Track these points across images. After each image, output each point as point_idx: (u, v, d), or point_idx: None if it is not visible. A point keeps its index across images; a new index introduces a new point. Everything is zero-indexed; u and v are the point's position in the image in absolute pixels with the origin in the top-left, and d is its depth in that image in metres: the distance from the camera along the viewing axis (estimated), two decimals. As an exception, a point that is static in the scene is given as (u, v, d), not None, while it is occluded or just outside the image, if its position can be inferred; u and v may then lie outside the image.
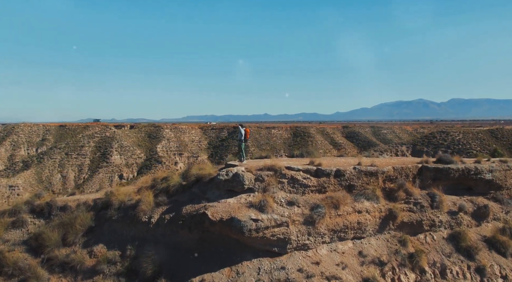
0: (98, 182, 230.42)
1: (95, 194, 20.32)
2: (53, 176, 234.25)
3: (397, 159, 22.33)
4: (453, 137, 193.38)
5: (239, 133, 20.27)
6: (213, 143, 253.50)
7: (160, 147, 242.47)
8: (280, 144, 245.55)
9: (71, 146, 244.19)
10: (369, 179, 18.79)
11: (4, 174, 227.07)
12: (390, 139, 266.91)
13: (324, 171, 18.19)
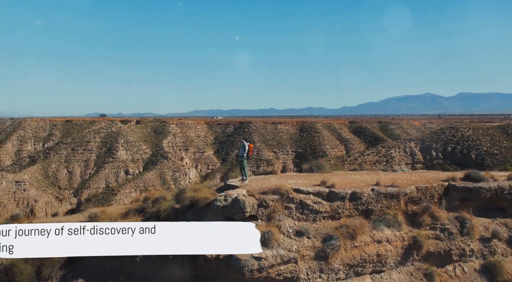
0: (104, 178, 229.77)
1: (78, 216, 18.16)
2: (59, 172, 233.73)
3: (419, 174, 19.87)
4: (463, 134, 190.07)
5: (241, 148, 17.85)
6: (219, 138, 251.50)
7: (166, 142, 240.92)
8: (287, 139, 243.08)
9: (77, 141, 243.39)
10: (390, 202, 16.37)
11: (10, 169, 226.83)
12: (398, 134, 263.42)
13: (338, 194, 15.79)
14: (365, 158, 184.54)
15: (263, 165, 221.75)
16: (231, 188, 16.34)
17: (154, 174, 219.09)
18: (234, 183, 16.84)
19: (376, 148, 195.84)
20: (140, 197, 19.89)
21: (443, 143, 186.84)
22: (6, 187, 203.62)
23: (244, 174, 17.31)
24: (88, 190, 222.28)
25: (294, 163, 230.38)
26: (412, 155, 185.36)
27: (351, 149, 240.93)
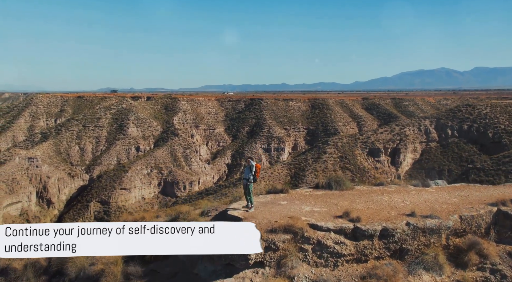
0: (115, 154, 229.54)
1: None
2: (71, 148, 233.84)
3: (458, 193, 16.61)
4: (480, 111, 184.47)
5: (247, 169, 14.63)
6: (230, 115, 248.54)
7: (176, 119, 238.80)
8: (298, 116, 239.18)
9: (88, 117, 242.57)
10: (429, 238, 13.28)
11: (23, 145, 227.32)
12: (412, 111, 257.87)
13: (366, 232, 12.71)
14: (378, 136, 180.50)
15: (274, 142, 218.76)
16: (232, 220, 13.33)
17: (165, 151, 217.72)
18: (236, 213, 13.78)
19: (389, 126, 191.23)
20: (127, 216, 17.10)
21: (459, 121, 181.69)
22: (19, 163, 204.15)
23: (250, 200, 14.27)
24: (100, 166, 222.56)
25: (305, 140, 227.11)
26: (427, 133, 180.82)
27: (364, 126, 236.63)
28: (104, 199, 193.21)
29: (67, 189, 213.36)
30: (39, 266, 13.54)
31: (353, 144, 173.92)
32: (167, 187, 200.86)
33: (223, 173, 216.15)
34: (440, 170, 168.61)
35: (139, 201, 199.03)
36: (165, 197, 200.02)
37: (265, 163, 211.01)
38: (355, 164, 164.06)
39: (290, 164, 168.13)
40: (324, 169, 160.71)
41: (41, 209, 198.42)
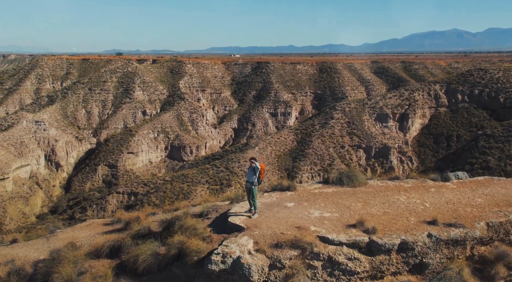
0: (122, 118, 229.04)
1: (41, 243, 14.17)
2: (77, 111, 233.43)
3: (482, 191, 15.04)
4: (492, 75, 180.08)
5: (250, 171, 13.03)
6: (237, 78, 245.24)
7: (182, 83, 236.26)
8: (306, 80, 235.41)
9: (94, 81, 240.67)
10: (452, 250, 11.92)
11: (30, 108, 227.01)
12: (422, 75, 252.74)
13: (382, 246, 11.35)
14: (387, 101, 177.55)
15: (281, 107, 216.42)
16: (233, 229, 11.98)
17: (171, 115, 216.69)
18: (238, 220, 12.37)
19: (398, 91, 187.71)
20: (122, 214, 15.90)
21: (470, 86, 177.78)
22: (27, 127, 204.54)
23: (254, 205, 12.87)
24: (107, 130, 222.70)
25: (312, 105, 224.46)
26: (436, 98, 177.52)
27: (372, 90, 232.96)
28: (112, 162, 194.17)
29: (75, 152, 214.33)
30: (24, 273, 12.48)
31: (361, 109, 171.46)
32: (174, 151, 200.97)
33: (230, 137, 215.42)
34: (449, 135, 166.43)
35: (146, 164, 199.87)
36: (172, 161, 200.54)
37: (272, 128, 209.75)
38: (363, 130, 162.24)
39: (297, 129, 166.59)
40: (331, 135, 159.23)
41: (50, 172, 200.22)
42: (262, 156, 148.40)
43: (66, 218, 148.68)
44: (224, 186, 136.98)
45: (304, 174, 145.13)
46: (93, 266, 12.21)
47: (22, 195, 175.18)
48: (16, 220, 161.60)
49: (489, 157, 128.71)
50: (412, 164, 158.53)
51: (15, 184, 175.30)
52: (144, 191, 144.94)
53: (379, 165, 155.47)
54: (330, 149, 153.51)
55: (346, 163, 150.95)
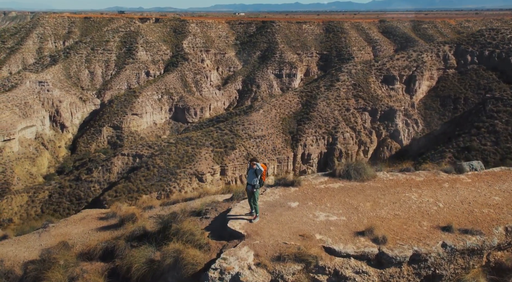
0: (125, 79, 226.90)
1: (33, 245, 13.44)
2: (80, 72, 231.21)
3: (499, 187, 14.09)
4: (504, 36, 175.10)
5: (251, 173, 12.03)
6: (241, 38, 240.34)
7: (186, 43, 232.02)
8: (311, 40, 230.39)
9: (96, 40, 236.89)
10: (468, 260, 11.13)
11: (33, 68, 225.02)
12: (431, 35, 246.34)
13: (393, 259, 10.53)
14: (394, 62, 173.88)
15: (286, 68, 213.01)
16: (232, 236, 11.12)
17: (175, 76, 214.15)
18: (237, 225, 11.47)
19: (406, 52, 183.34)
20: (116, 209, 15.14)
21: (480, 46, 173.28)
22: (30, 87, 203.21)
23: (255, 209, 11.99)
24: (111, 91, 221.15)
25: (318, 66, 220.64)
26: (445, 60, 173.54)
27: (379, 50, 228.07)
28: (116, 124, 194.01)
29: (79, 113, 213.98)
30: (13, 276, 11.89)
31: (367, 71, 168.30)
32: (178, 113, 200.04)
33: (234, 99, 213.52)
34: (456, 98, 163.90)
35: (151, 126, 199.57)
36: (176, 123, 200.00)
37: (277, 89, 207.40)
38: (368, 92, 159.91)
39: (302, 91, 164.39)
40: (336, 97, 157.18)
41: (55, 132, 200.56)
42: (266, 119, 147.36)
43: (72, 179, 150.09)
44: (228, 148, 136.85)
45: (308, 137, 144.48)
46: (85, 271, 11.58)
47: (29, 155, 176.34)
48: (23, 180, 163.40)
49: (497, 121, 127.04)
50: (417, 127, 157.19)
51: (21, 145, 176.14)
52: (149, 153, 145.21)
53: (384, 128, 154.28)
54: (335, 112, 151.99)
55: (351, 126, 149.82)
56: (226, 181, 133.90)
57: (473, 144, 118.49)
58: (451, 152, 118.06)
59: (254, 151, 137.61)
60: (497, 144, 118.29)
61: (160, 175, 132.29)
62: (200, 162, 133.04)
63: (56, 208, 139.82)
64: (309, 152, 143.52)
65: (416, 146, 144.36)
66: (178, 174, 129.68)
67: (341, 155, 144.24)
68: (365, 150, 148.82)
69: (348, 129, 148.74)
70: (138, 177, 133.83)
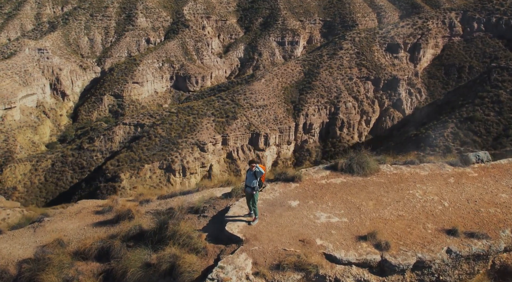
0: (125, 46, 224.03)
1: (28, 241, 13.13)
2: (80, 39, 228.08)
3: (506, 182, 13.67)
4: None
5: (250, 175, 11.54)
6: (242, 4, 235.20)
7: (186, 9, 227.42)
8: (314, 6, 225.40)
9: (95, 6, 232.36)
10: (473, 265, 10.81)
11: (32, 35, 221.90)
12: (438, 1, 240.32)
13: (396, 267, 10.19)
14: (399, 30, 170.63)
15: (288, 35, 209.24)
16: (230, 240, 10.73)
17: (176, 44, 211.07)
18: (236, 228, 11.02)
19: (411, 19, 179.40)
20: (112, 202, 14.77)
21: (487, 13, 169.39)
22: (29, 55, 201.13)
23: (254, 211, 11.58)
24: (111, 59, 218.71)
25: (321, 33, 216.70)
26: (451, 27, 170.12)
27: (384, 17, 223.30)
28: (117, 92, 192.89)
29: (80, 81, 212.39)
30: (7, 276, 11.67)
31: (371, 39, 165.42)
32: (179, 81, 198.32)
33: (236, 67, 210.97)
34: (461, 67, 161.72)
35: (152, 95, 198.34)
36: (177, 91, 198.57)
37: (279, 57, 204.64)
38: (372, 61, 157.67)
39: (304, 60, 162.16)
40: (339, 66, 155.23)
41: (56, 101, 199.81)
42: (268, 88, 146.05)
43: (74, 148, 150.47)
44: (230, 118, 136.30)
45: (310, 107, 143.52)
46: (80, 272, 11.34)
47: (30, 124, 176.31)
48: (26, 149, 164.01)
49: (501, 91, 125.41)
50: (420, 97, 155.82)
51: (22, 113, 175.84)
52: (150, 123, 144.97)
53: (387, 97, 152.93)
54: (337, 81, 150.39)
55: (353, 95, 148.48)
56: (227, 150, 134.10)
57: (476, 114, 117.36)
58: (453, 122, 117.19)
59: (256, 120, 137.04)
60: (501, 113, 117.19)
61: (161, 144, 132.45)
62: (202, 131, 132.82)
63: (59, 176, 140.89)
64: (311, 121, 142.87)
65: (419, 115, 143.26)
66: (179, 144, 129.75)
67: (343, 125, 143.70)
68: (367, 120, 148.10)
69: (351, 99, 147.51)
70: (139, 147, 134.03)
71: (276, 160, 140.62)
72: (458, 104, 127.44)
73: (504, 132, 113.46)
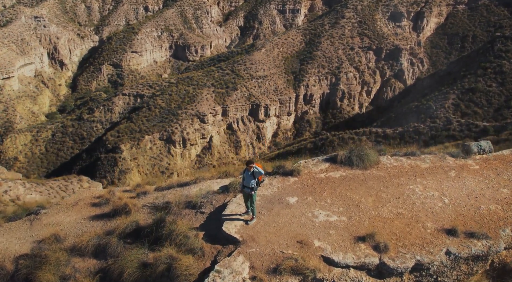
0: (123, 14, 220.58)
1: (25, 235, 12.93)
2: (77, 6, 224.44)
3: (509, 173, 13.48)
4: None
5: (248, 175, 11.26)
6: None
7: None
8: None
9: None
10: (472, 266, 10.72)
11: (27, 2, 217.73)
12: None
13: (394, 270, 10.10)
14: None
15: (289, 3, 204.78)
16: (228, 241, 10.56)
17: (175, 12, 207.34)
18: (233, 227, 10.86)
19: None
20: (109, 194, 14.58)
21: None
22: (26, 23, 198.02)
23: (252, 211, 11.38)
24: (109, 27, 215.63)
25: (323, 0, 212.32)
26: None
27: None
28: (116, 62, 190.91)
29: (78, 50, 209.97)
30: (4, 273, 11.63)
31: (374, 7, 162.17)
32: (179, 51, 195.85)
33: (236, 36, 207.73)
34: (464, 36, 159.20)
35: (151, 64, 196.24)
36: (177, 61, 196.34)
37: (279, 26, 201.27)
38: (374, 30, 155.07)
39: (306, 29, 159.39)
40: (341, 35, 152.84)
41: (54, 70, 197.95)
42: (268, 58, 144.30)
43: (74, 118, 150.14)
44: (230, 89, 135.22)
45: (311, 77, 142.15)
46: (77, 269, 11.29)
47: (29, 94, 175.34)
48: (26, 119, 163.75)
49: (504, 61, 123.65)
50: (422, 67, 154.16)
51: (21, 83, 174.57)
52: (150, 93, 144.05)
53: (389, 67, 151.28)
54: (339, 51, 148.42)
55: (354, 65, 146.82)
56: (227, 122, 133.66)
57: (478, 85, 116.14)
58: (455, 93, 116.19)
59: (256, 91, 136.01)
60: (503, 84, 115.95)
61: (161, 115, 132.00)
62: (202, 102, 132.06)
63: (60, 147, 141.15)
64: (311, 92, 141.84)
65: (420, 86, 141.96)
66: (179, 115, 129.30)
67: (344, 96, 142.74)
68: (368, 91, 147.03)
69: (352, 69, 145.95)
70: (140, 117, 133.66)
71: (276, 131, 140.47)
72: (460, 75, 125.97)
73: (506, 103, 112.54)
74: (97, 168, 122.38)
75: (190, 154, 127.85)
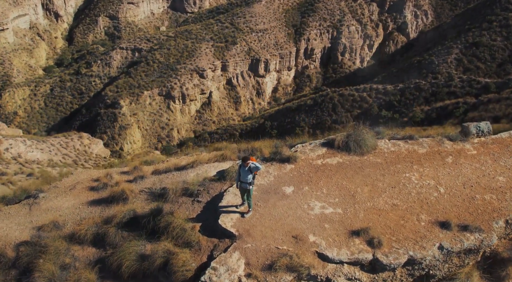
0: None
1: (24, 221, 12.97)
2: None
3: (507, 158, 13.35)
4: None
5: (245, 170, 11.14)
6: None
7: None
8: None
9: None
10: (463, 259, 10.85)
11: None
12: None
13: (387, 266, 10.23)
14: None
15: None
16: (224, 235, 10.61)
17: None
18: (229, 220, 10.86)
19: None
20: (107, 178, 14.56)
21: None
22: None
23: (249, 204, 11.39)
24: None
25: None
26: None
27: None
28: (112, 13, 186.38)
29: (73, 1, 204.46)
30: (5, 260, 11.88)
31: None
32: (177, 2, 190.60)
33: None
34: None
35: (149, 16, 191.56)
36: (175, 13, 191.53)
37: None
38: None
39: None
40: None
41: (50, 22, 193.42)
42: (269, 11, 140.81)
43: (72, 72, 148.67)
44: (229, 43, 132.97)
45: (312, 31, 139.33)
46: (77, 258, 11.54)
47: (25, 46, 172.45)
48: (23, 73, 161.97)
49: (511, 14, 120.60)
50: (426, 19, 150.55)
51: (16, 36, 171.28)
52: (148, 47, 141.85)
53: (392, 20, 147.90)
54: (341, 3, 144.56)
55: (357, 18, 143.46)
56: (227, 77, 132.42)
57: (482, 39, 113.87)
58: (458, 48, 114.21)
59: (256, 45, 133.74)
60: (508, 39, 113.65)
61: (160, 70, 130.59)
62: (201, 57, 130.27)
63: (59, 102, 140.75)
64: (312, 46, 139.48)
65: (423, 40, 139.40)
66: (178, 70, 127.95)
67: (345, 50, 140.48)
68: (370, 44, 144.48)
69: (354, 22, 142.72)
70: (138, 72, 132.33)
71: (276, 86, 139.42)
72: (464, 29, 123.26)
73: (510, 58, 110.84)
74: (97, 123, 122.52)
75: (190, 109, 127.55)
